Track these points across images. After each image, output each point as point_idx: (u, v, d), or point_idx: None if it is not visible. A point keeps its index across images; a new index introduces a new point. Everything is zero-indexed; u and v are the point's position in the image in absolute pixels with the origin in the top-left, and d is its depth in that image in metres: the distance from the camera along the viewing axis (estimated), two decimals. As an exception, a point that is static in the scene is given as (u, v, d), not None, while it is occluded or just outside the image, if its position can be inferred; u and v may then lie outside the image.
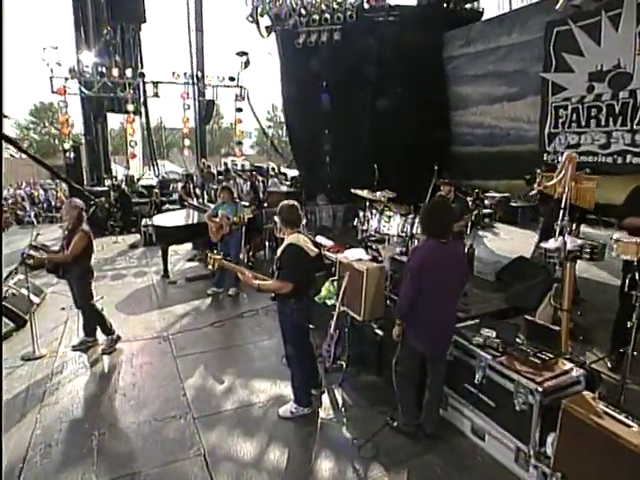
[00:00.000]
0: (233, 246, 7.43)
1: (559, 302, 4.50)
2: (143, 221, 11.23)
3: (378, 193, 6.54)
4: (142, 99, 15.63)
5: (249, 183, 11.27)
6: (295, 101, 12.53)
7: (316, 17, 11.78)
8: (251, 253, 9.21)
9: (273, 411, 4.30)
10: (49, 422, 4.17)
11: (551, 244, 4.43)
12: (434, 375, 3.80)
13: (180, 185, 13.10)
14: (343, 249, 5.88)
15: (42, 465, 3.64)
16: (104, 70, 12.79)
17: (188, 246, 10.27)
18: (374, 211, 6.27)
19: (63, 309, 6.72)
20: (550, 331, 3.91)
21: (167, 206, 12.34)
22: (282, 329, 4.19)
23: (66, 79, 12.75)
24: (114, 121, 16.99)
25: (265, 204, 10.31)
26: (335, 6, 11.60)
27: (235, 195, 7.81)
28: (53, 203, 17.59)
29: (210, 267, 4.18)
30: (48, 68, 12.41)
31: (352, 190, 6.73)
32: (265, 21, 12.95)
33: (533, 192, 5.23)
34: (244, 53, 14.17)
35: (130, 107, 13.52)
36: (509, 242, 10.80)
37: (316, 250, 4.06)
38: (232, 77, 14.42)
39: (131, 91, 13.40)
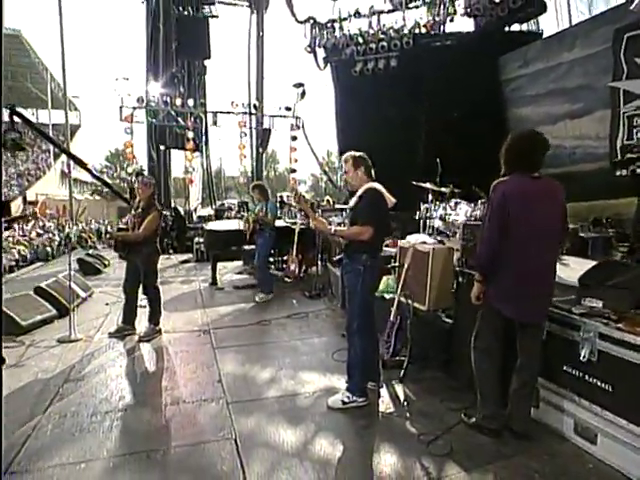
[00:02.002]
0: (260, 246, 6.89)
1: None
2: (195, 239, 10.97)
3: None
4: (203, 132, 15.88)
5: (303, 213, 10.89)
6: (349, 129, 12.28)
7: (373, 45, 11.71)
8: (303, 268, 8.60)
9: (321, 402, 3.56)
10: (70, 395, 3.69)
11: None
12: (526, 352, 2.93)
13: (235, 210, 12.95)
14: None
15: (51, 434, 3.10)
16: (168, 100, 13.10)
17: (238, 262, 9.86)
18: (438, 202, 5.58)
19: (107, 304, 6.43)
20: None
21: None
22: (348, 293, 3.55)
23: (134, 108, 13.11)
24: (176, 169, 17.44)
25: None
26: (392, 33, 11.49)
27: (269, 194, 7.22)
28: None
29: None
30: (119, 98, 12.83)
31: (415, 183, 6.07)
32: (322, 53, 13.08)
33: None
34: (300, 84, 14.23)
35: (190, 134, 13.65)
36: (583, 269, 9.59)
37: (393, 200, 3.47)
38: (288, 107, 14.44)
39: (192, 119, 13.57)
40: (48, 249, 15.79)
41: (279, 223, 8.83)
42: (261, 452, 2.88)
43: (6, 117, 3.89)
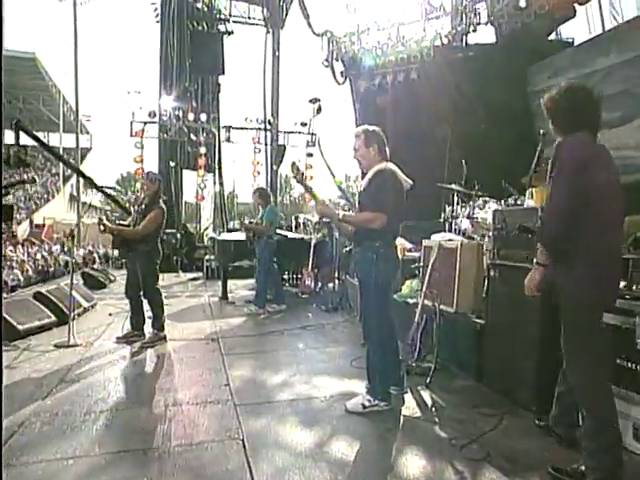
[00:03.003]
0: (259, 255, 6.69)
1: None
2: (206, 256, 10.93)
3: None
4: (216, 150, 16.06)
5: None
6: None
7: (392, 57, 11.77)
8: (320, 284, 8.43)
9: (339, 406, 3.36)
10: (63, 395, 3.56)
11: None
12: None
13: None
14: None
15: (39, 431, 2.94)
16: (181, 114, 13.31)
17: (250, 280, 9.73)
18: (464, 204, 5.43)
19: (110, 315, 6.34)
20: None
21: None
22: (361, 288, 3.35)
23: (145, 123, 13.33)
24: (187, 193, 17.67)
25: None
26: (412, 45, 11.56)
27: (271, 200, 7.06)
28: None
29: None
30: (130, 112, 13.09)
31: (439, 184, 5.93)
32: (340, 66, 13.23)
33: None
34: (316, 100, 14.32)
35: (202, 149, 13.79)
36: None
37: (409, 181, 3.27)
38: (304, 122, 14.54)
39: (204, 134, 13.74)
40: (52, 270, 15.97)
41: (292, 235, 8.77)
42: (271, 452, 2.67)
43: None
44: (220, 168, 17.42)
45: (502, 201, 5.04)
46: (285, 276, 9.60)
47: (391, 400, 3.29)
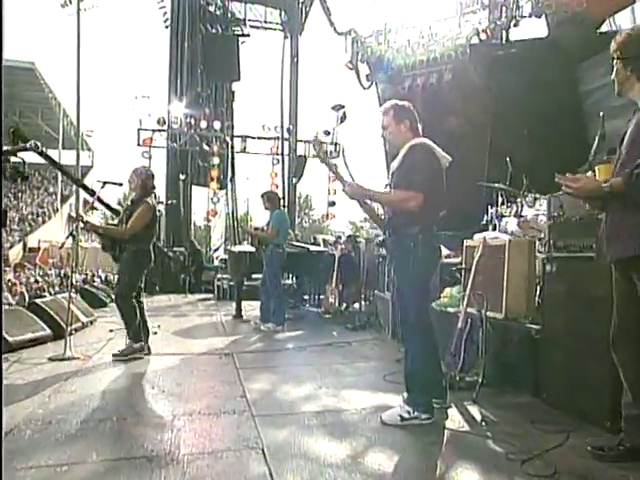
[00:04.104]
0: (265, 266, 6.61)
1: None
2: (218, 275, 10.93)
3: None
4: (229, 163, 16.22)
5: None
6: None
7: (424, 58, 11.77)
8: (344, 304, 8.33)
9: (372, 419, 3.23)
10: (58, 405, 3.48)
11: None
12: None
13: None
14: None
15: (30, 438, 2.86)
16: (192, 122, 13.51)
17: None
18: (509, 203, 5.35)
19: (111, 331, 6.30)
20: None
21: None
22: (398, 282, 3.31)
23: (153, 131, 13.56)
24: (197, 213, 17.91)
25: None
26: (446, 43, 11.55)
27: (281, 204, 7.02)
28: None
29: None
30: (137, 119, 13.35)
31: (480, 183, 5.85)
32: (365, 69, 13.31)
33: None
34: (340, 106, 14.41)
35: (216, 160, 13.94)
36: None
37: (448, 158, 3.20)
38: (327, 131, 14.60)
39: (218, 143, 13.91)
40: (46, 294, 16.13)
41: (315, 248, 8.72)
42: (296, 462, 2.55)
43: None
44: (233, 182, 17.60)
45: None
46: (306, 296, 9.53)
47: (433, 413, 3.15)
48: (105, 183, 4.98)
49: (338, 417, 3.25)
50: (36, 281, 17.51)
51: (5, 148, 2.43)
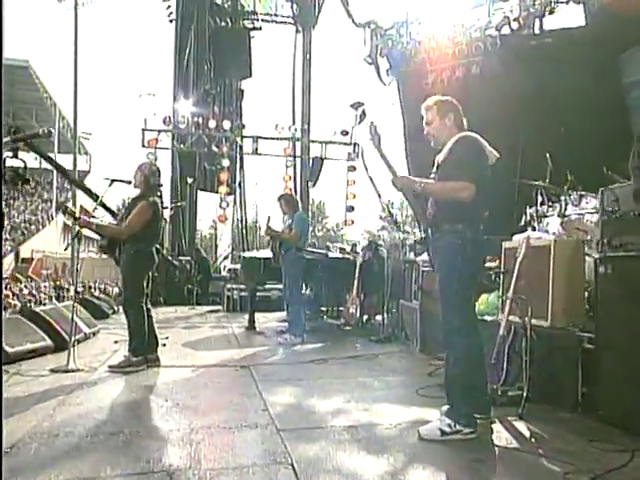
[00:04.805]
0: (285, 272, 6.62)
1: None
2: (228, 285, 10.93)
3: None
4: (238, 166, 16.27)
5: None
6: (421, 154, 12.14)
7: (449, 50, 11.71)
8: (365, 316, 8.27)
9: (409, 434, 3.19)
10: (64, 418, 3.47)
11: None
12: None
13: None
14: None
15: (36, 452, 2.84)
16: (200, 121, 13.57)
17: (281, 313, 9.68)
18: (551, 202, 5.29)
19: (116, 342, 6.31)
20: None
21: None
22: (440, 282, 3.26)
23: (159, 131, 13.63)
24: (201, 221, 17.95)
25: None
26: (474, 34, 11.47)
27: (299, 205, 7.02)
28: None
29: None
30: (141, 118, 13.45)
31: (521, 181, 5.79)
32: (386, 64, 13.27)
33: None
34: (360, 104, 14.36)
35: (225, 162, 13.98)
36: None
37: (496, 154, 3.26)
38: (345, 131, 14.57)
39: (227, 144, 13.95)
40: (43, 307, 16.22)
41: (334, 255, 8.67)
42: (329, 479, 2.51)
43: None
44: (243, 187, 17.64)
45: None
46: (323, 307, 9.47)
47: (476, 427, 3.08)
48: (113, 181, 4.99)
49: (372, 432, 3.20)
50: (30, 293, 17.70)
51: (17, 135, 2.40)
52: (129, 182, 5.05)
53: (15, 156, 3.56)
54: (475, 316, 3.44)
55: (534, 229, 5.29)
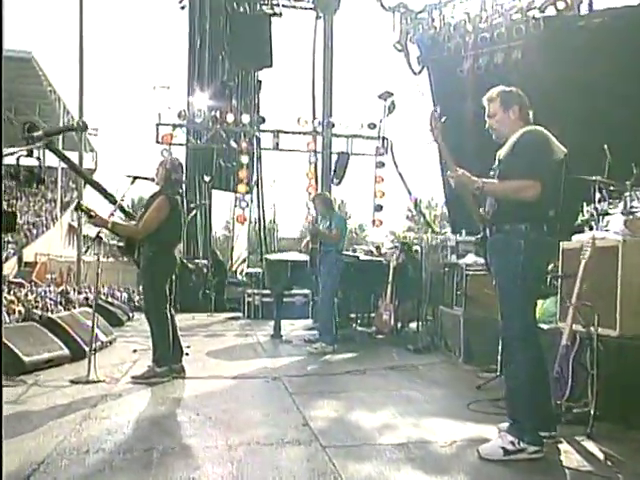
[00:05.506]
0: (324, 275, 6.62)
1: None
2: (249, 290, 10.94)
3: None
4: (256, 162, 16.26)
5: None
6: (455, 149, 12.03)
7: (487, 34, 11.56)
8: (399, 323, 8.21)
9: (468, 452, 3.16)
10: (91, 432, 3.49)
11: None
12: None
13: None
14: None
15: (66, 470, 2.85)
16: (217, 115, 13.55)
17: (306, 321, 9.69)
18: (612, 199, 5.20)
19: (135, 351, 6.38)
20: None
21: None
22: (500, 289, 3.24)
23: (174, 127, 13.67)
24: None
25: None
26: (514, 16, 11.30)
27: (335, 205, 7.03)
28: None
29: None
30: (153, 113, 13.52)
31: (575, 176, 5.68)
32: (416, 50, 13.18)
33: None
34: (389, 94, 14.21)
35: (244, 159, 13.99)
36: None
37: (564, 149, 3.21)
38: (373, 124, 14.44)
39: (247, 140, 13.96)
40: (48, 314, 16.39)
41: (365, 257, 8.64)
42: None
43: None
44: (261, 185, 17.62)
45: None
46: (352, 314, 9.43)
47: (543, 445, 3.03)
48: (136, 178, 5.00)
49: (426, 450, 3.17)
50: (36, 299, 17.88)
51: (51, 129, 2.40)
52: (152, 179, 5.05)
53: (30, 155, 3.55)
54: (536, 323, 3.38)
55: (591, 228, 5.19)
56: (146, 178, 5.06)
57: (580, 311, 3.73)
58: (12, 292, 19.35)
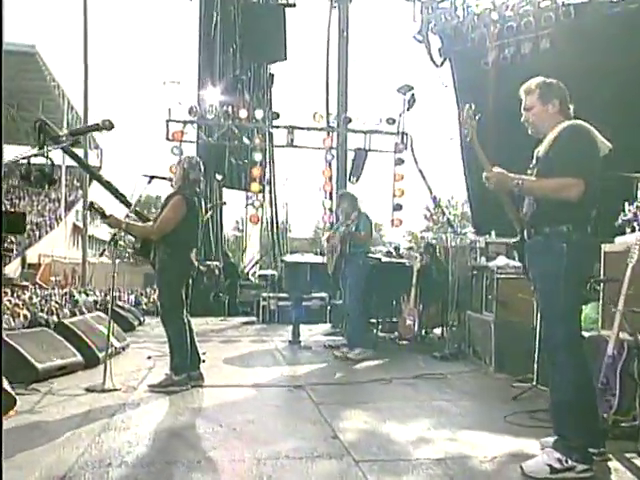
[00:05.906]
0: (350, 280, 6.63)
1: None
2: (264, 293, 10.93)
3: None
4: (269, 161, 16.26)
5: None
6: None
7: (513, 24, 11.44)
8: (424, 330, 8.16)
9: (511, 468, 3.12)
10: (112, 443, 3.48)
11: None
12: None
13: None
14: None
15: (90, 483, 2.80)
16: (230, 110, 13.57)
17: (324, 326, 9.67)
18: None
19: (149, 358, 6.42)
20: None
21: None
22: (541, 292, 3.25)
23: (184, 123, 13.70)
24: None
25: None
26: (543, 3, 11.14)
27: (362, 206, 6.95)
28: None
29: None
30: (166, 108, 13.57)
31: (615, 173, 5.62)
32: (438, 42, 13.08)
33: None
34: (409, 88, 14.15)
35: (258, 156, 14.00)
36: None
37: (608, 145, 3.15)
38: (392, 119, 14.37)
39: (260, 136, 13.98)
40: (54, 317, 16.47)
41: (387, 259, 8.61)
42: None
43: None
44: (274, 184, 17.61)
45: None
46: (372, 319, 9.40)
47: (592, 463, 2.97)
48: (152, 177, 4.99)
49: (465, 466, 3.14)
50: (41, 302, 17.99)
51: (77, 128, 2.39)
52: (170, 179, 5.05)
53: (84, 134, 3.50)
54: (581, 331, 3.33)
55: (633, 230, 5.12)
56: (164, 178, 5.06)
57: (627, 318, 3.68)
58: (15, 295, 19.55)
